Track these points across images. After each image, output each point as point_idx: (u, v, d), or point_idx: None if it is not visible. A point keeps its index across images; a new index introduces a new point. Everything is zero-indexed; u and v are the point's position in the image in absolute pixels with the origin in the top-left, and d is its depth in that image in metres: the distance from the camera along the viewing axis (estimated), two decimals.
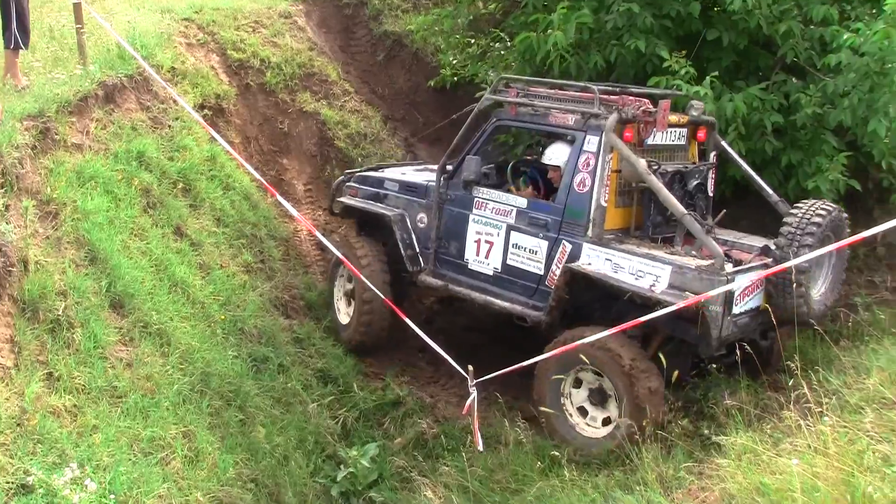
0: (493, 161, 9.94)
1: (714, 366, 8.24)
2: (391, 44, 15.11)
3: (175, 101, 10.22)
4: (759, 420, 7.33)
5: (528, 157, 10.15)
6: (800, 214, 7.95)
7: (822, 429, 5.96)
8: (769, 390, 8.06)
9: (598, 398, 8.24)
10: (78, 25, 9.91)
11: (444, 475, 7.91)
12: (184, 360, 7.46)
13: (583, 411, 8.33)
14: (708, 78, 9.63)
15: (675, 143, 8.99)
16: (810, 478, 5.31)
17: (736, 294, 7.74)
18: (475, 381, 8.01)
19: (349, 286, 10.42)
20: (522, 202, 8.97)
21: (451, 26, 13.30)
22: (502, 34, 12.28)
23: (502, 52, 12.25)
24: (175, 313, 7.84)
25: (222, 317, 8.52)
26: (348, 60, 14.92)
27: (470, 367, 7.97)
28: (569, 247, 8.47)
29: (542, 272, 8.74)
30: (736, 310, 7.84)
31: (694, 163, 9.16)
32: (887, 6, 8.93)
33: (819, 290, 8.41)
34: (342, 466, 8.21)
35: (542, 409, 8.24)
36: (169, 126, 10.07)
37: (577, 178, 8.45)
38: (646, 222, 8.69)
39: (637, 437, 7.42)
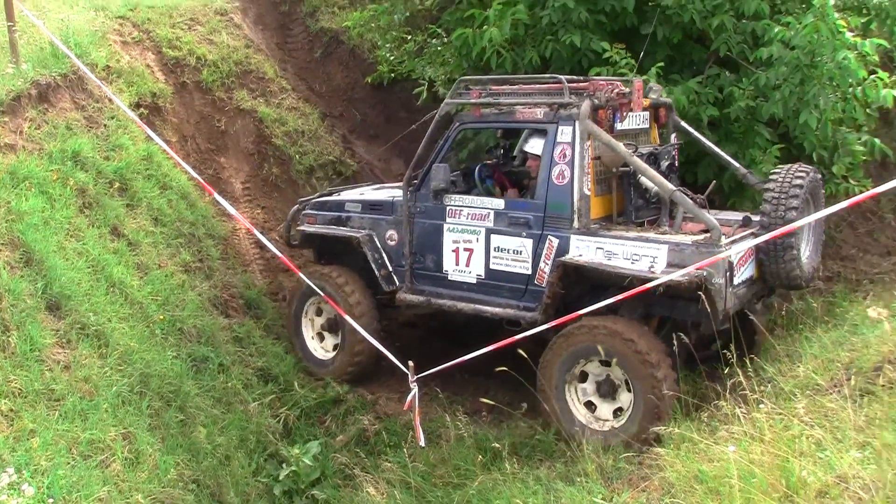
0: (456, 169, 9.76)
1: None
2: (328, 40, 15.07)
3: (110, 100, 10.12)
4: (696, 409, 7.44)
5: (490, 160, 9.95)
6: (780, 179, 8.01)
7: (757, 416, 6.07)
8: (706, 380, 8.17)
9: (607, 390, 8.08)
10: (9, 23, 9.75)
11: (386, 471, 7.95)
12: (122, 362, 7.40)
13: (590, 405, 8.18)
14: (654, 69, 9.77)
15: (640, 126, 8.98)
16: (746, 464, 5.41)
17: (735, 263, 7.75)
18: (416, 377, 8.04)
19: (320, 320, 10.16)
20: (500, 203, 8.80)
21: (387, 22, 13.33)
22: (439, 30, 12.31)
23: (439, 48, 12.28)
24: (113, 314, 7.77)
25: (161, 317, 8.45)
26: (285, 57, 14.86)
27: (410, 363, 7.99)
28: (556, 241, 8.34)
29: (529, 272, 8.58)
30: (736, 280, 7.87)
31: (661, 144, 9.18)
32: (816, 0, 9.10)
33: (805, 253, 8.48)
34: (284, 465, 8.21)
35: (548, 405, 8.10)
36: (104, 125, 9.96)
37: (556, 171, 8.32)
38: (627, 207, 8.63)
39: (654, 425, 7.35)
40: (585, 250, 8.15)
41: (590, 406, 8.15)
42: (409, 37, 13.20)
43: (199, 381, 8.33)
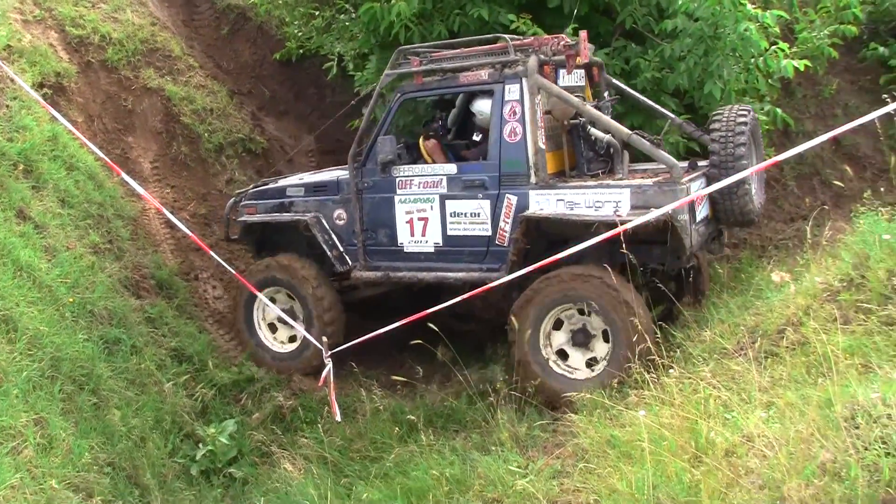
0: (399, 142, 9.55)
1: None
2: (235, 17, 14.95)
3: (12, 81, 9.91)
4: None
5: (431, 132, 9.78)
6: (724, 118, 8.24)
7: (666, 381, 6.22)
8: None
9: (582, 339, 8.16)
10: None
11: (303, 447, 7.97)
12: (32, 346, 7.26)
13: (563, 354, 8.24)
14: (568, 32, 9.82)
15: (577, 84, 9.05)
16: (657, 427, 5.54)
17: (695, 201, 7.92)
18: (330, 353, 8.06)
19: (270, 314, 9.98)
20: (452, 168, 8.82)
21: None
22: (347, 5, 12.25)
23: (347, 24, 12.23)
24: (21, 298, 7.63)
25: (71, 300, 8.32)
26: (192, 35, 14.68)
27: (324, 339, 8.01)
28: (514, 199, 8.39)
29: (489, 233, 8.61)
30: (698, 217, 8.07)
31: (599, 100, 9.22)
32: None
33: (753, 189, 8.62)
34: (201, 445, 8.18)
35: (519, 356, 8.16)
36: (7, 106, 9.75)
37: (507, 129, 8.38)
38: (579, 161, 8.72)
39: (631, 368, 7.21)
40: (546, 204, 8.22)
41: (562, 354, 8.23)
42: (317, 12, 13.14)
43: (112, 364, 8.22)
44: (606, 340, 7.98)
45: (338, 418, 7.99)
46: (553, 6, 10.36)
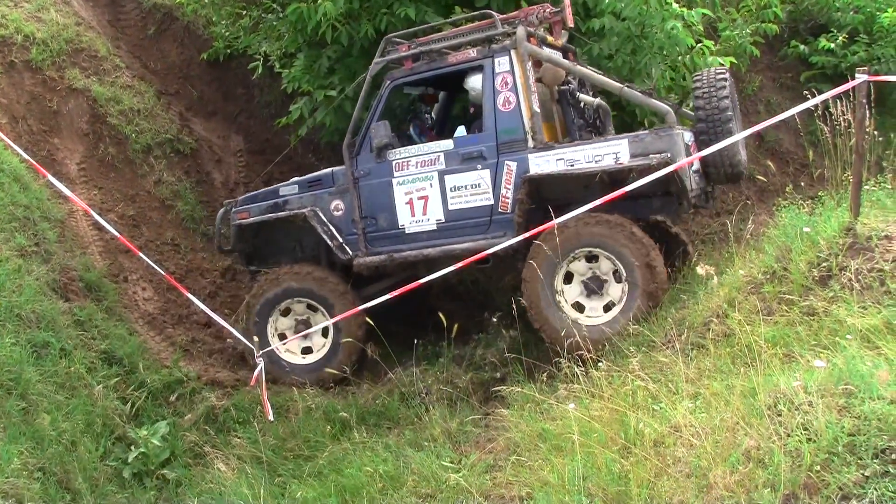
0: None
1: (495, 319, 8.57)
2: (161, 17, 14.80)
3: None
4: (538, 370, 7.67)
5: (419, 122, 10.15)
6: (703, 78, 8.56)
7: (595, 374, 6.30)
8: (546, 342, 8.39)
9: (595, 286, 8.33)
10: None
11: (236, 447, 7.95)
12: None
13: (579, 307, 8.38)
14: None
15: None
16: (587, 420, 5.64)
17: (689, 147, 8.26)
18: (261, 352, 8.05)
19: (286, 321, 9.80)
20: (448, 144, 9.00)
21: None
22: (274, 5, 12.21)
23: (274, 24, 12.20)
24: None
25: None
26: (118, 35, 14.51)
27: (255, 339, 8.00)
28: (514, 164, 8.59)
29: (492, 202, 8.77)
30: (694, 166, 8.31)
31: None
32: None
33: (738, 146, 8.86)
34: (133, 447, 8.11)
35: (538, 312, 8.28)
36: None
37: (500, 99, 8.63)
38: (570, 128, 9.04)
39: (651, 303, 7.85)
40: (546, 165, 8.45)
41: (579, 307, 8.38)
42: (245, 12, 13.08)
43: (41, 367, 8.11)
44: (618, 281, 8.19)
45: (270, 418, 7.99)
46: (480, 6, 10.41)
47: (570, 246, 8.18)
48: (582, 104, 9.08)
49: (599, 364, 6.67)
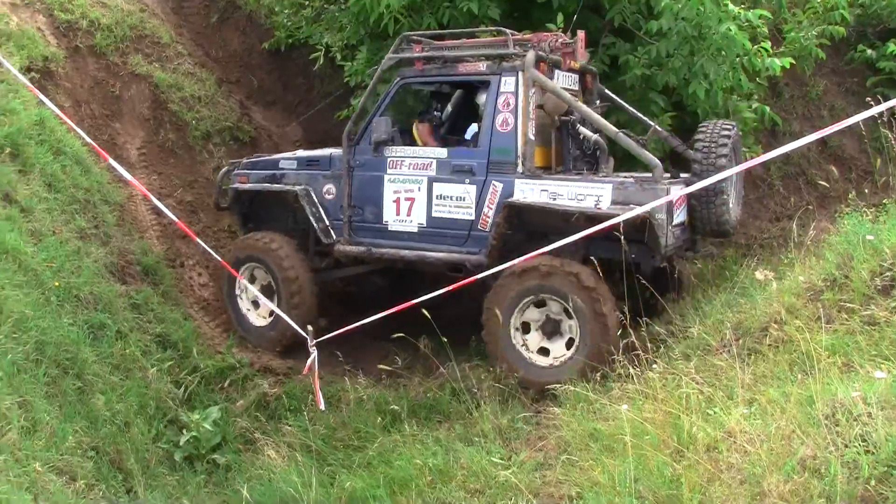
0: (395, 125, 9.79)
1: None
2: (224, 5, 14.90)
3: (0, 64, 9.88)
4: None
5: (427, 120, 10.11)
6: (709, 131, 8.43)
7: (650, 375, 6.25)
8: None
9: (551, 329, 8.41)
10: None
11: (287, 435, 7.99)
12: (17, 329, 7.25)
13: (544, 351, 8.45)
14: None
15: (571, 87, 9.25)
16: (640, 422, 5.58)
17: (674, 203, 8.13)
18: (315, 341, 8.08)
19: (254, 287, 10.01)
20: (442, 152, 9.07)
21: None
22: None
23: (336, 14, 12.21)
24: (6, 281, 7.61)
25: (56, 284, 8.30)
26: (181, 22, 14.63)
27: (309, 327, 8.03)
28: (500, 186, 8.64)
29: (472, 217, 8.85)
30: (675, 220, 8.27)
31: (590, 106, 9.35)
32: None
33: (731, 202, 8.80)
34: (184, 431, 8.20)
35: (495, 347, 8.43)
36: None
37: (499, 119, 8.63)
38: (566, 158, 9.02)
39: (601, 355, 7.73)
40: (530, 193, 8.47)
41: (544, 352, 8.43)
42: (307, 2, 13.12)
43: (97, 349, 8.21)
44: (570, 317, 8.24)
45: (322, 407, 8.01)
46: (542, 2, 10.38)
47: (521, 293, 8.34)
48: (581, 136, 9.00)
49: (654, 365, 6.62)
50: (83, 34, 12.33)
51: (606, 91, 9.83)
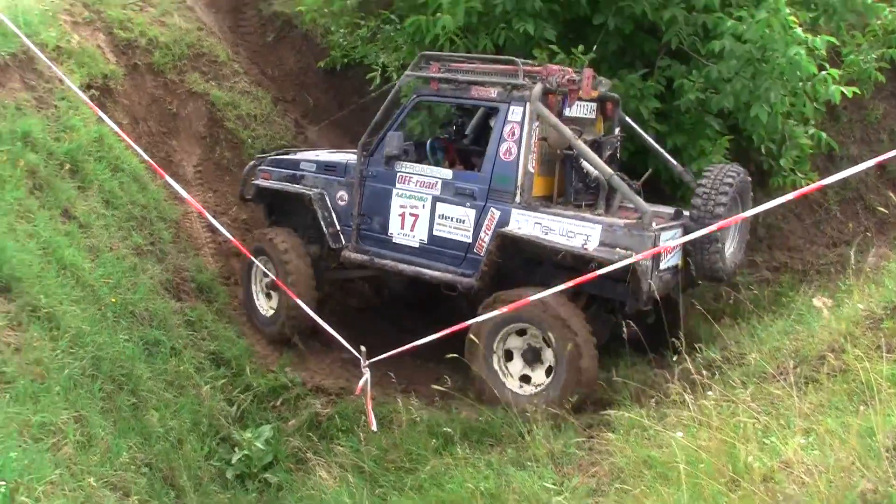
0: (410, 138, 10.07)
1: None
2: (281, 25, 14.98)
3: (61, 81, 10.02)
4: (645, 396, 7.55)
5: (445, 135, 10.39)
6: (712, 176, 8.43)
7: (705, 403, 6.15)
8: (655, 367, 8.29)
9: (532, 357, 8.55)
10: None
11: (338, 455, 7.96)
12: (74, 344, 7.34)
13: (526, 378, 8.60)
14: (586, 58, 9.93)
15: (586, 116, 9.29)
16: (694, 450, 5.50)
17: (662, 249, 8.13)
18: (368, 362, 8.08)
19: (267, 279, 10.37)
20: (448, 174, 9.18)
21: (340, 7, 13.26)
22: (392, 16, 12.31)
23: (392, 34, 12.27)
24: (64, 297, 7.71)
25: (113, 300, 8.40)
26: (238, 41, 14.75)
27: (363, 348, 8.03)
28: (497, 213, 8.73)
29: (470, 240, 8.96)
30: (662, 265, 8.30)
31: (606, 135, 9.48)
32: None
33: (730, 249, 8.83)
34: (237, 449, 8.24)
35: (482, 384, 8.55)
36: (55, 106, 9.87)
37: (503, 147, 8.70)
38: (567, 190, 9.04)
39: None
40: (525, 224, 8.57)
41: (526, 379, 8.60)
42: (363, 22, 13.18)
43: (152, 365, 8.29)
44: (549, 345, 8.39)
45: (374, 428, 8.00)
46: (598, 23, 10.36)
47: (499, 323, 8.43)
48: (584, 171, 9.01)
49: (709, 392, 6.54)
50: (142, 52, 12.47)
51: (627, 119, 9.81)
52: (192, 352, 9.11)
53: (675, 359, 7.17)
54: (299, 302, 9.03)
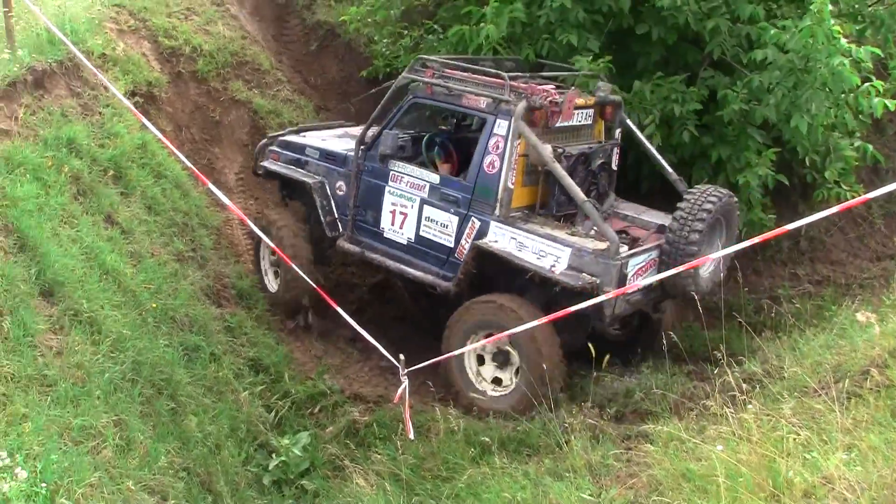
0: (410, 132, 10.26)
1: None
2: (324, 34, 15.06)
3: (106, 88, 10.09)
4: (684, 408, 7.50)
5: (443, 129, 10.59)
6: (693, 199, 8.59)
7: (745, 416, 6.10)
8: (695, 379, 8.23)
9: (503, 360, 8.95)
10: (6, 9, 9.67)
11: (375, 463, 7.97)
12: (115, 349, 7.37)
13: (497, 380, 9.02)
14: (601, 61, 9.99)
15: (581, 123, 9.46)
16: (734, 463, 5.45)
17: (630, 275, 8.40)
18: (406, 370, 8.08)
19: (274, 257, 10.77)
20: (435, 178, 9.47)
21: (384, 17, 13.32)
22: (435, 26, 12.33)
23: (435, 44, 12.29)
24: (106, 301, 7.75)
25: (154, 305, 8.44)
26: (281, 50, 14.85)
27: (401, 356, 8.04)
28: (477, 223, 9.05)
29: (452, 245, 9.29)
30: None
31: (599, 141, 9.66)
32: (813, 5, 9.14)
33: (708, 269, 8.95)
34: (274, 455, 8.23)
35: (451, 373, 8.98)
36: (100, 113, 9.95)
37: (487, 160, 8.94)
38: (550, 201, 9.20)
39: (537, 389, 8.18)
40: (501, 237, 8.89)
41: (497, 381, 9.03)
42: (406, 32, 13.20)
43: (191, 370, 8.33)
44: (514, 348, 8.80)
45: (411, 436, 7.99)
46: (641, 33, 10.33)
47: (470, 327, 8.91)
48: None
49: (749, 406, 6.47)
50: (186, 60, 12.58)
51: (629, 123, 9.87)
52: (232, 358, 9.16)
53: (714, 371, 7.12)
54: (293, 266, 9.31)
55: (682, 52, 10.68)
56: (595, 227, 8.71)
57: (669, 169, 9.75)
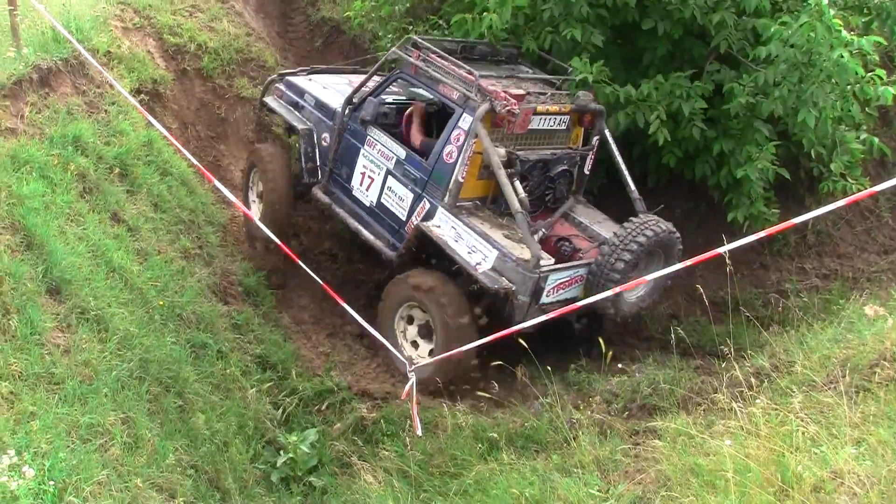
0: (399, 99, 10.74)
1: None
2: (329, 30, 15.08)
3: (111, 86, 10.10)
4: (692, 403, 7.48)
5: (422, 102, 10.70)
6: (629, 229, 8.84)
7: (753, 411, 6.11)
8: (702, 374, 8.21)
9: (426, 332, 9.43)
10: (10, 7, 9.69)
11: (383, 460, 7.98)
12: (122, 347, 7.38)
13: (415, 344, 9.57)
14: (595, 66, 9.93)
15: (555, 128, 9.68)
16: (742, 458, 5.45)
17: (548, 288, 8.72)
18: (414, 367, 8.08)
19: (260, 188, 11.31)
20: (402, 153, 9.88)
21: (388, 13, 13.28)
22: (440, 21, 12.32)
23: (440, 39, 12.27)
24: (113, 299, 7.76)
25: (161, 303, 8.44)
26: (286, 46, 14.86)
27: (409, 354, 8.03)
28: (428, 205, 9.52)
29: (404, 218, 9.79)
30: (546, 300, 8.80)
31: (571, 148, 9.95)
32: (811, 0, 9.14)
33: (637, 294, 9.30)
34: (282, 452, 8.24)
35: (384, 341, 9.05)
36: (105, 111, 9.95)
37: (447, 149, 9.31)
38: (501, 198, 9.42)
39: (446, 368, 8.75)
40: (444, 224, 9.32)
41: (415, 345, 9.58)
42: (410, 27, 13.19)
43: (198, 368, 8.33)
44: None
45: (419, 432, 7.99)
46: (647, 28, 10.30)
47: (399, 299, 9.54)
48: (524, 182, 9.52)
49: (757, 400, 6.46)
50: (191, 57, 12.59)
51: (608, 134, 9.94)
52: (239, 355, 9.15)
53: (722, 366, 7.10)
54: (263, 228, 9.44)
55: (688, 46, 10.64)
56: (571, 210, 9.34)
57: (632, 186, 9.84)
